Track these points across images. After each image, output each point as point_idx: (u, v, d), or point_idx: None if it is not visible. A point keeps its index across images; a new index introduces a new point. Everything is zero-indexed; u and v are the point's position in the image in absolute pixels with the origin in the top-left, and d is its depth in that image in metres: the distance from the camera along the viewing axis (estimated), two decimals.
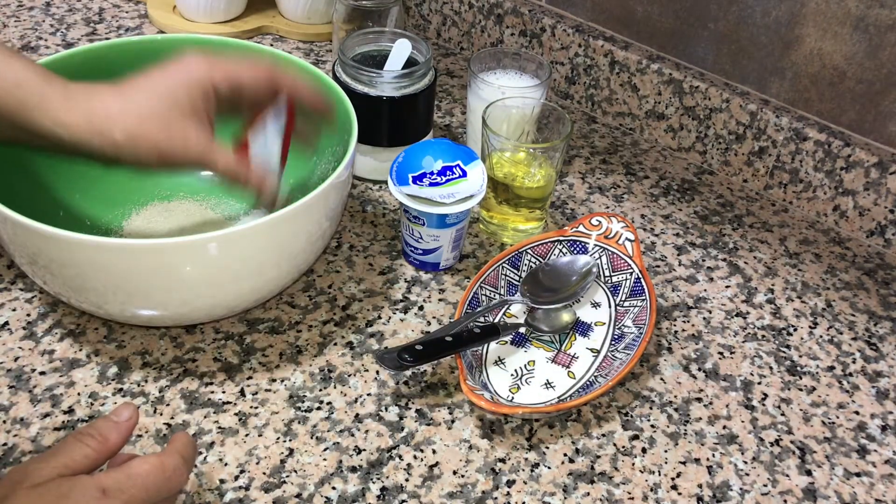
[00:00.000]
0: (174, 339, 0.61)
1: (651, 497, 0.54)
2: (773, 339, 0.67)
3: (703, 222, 0.78)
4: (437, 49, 1.01)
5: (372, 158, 0.76)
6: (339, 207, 0.62)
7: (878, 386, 0.64)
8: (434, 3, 1.00)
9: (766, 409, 0.61)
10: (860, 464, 0.58)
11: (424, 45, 0.75)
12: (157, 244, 0.51)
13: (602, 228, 0.68)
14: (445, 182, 0.65)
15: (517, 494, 0.53)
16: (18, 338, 0.60)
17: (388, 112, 0.73)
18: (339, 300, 0.65)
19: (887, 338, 0.68)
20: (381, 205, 0.76)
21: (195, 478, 0.52)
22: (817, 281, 0.73)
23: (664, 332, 0.66)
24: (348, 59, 0.72)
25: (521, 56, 0.79)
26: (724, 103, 0.81)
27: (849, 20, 0.72)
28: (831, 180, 0.77)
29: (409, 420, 0.57)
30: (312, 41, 0.99)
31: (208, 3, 0.95)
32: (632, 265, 0.66)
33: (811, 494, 0.55)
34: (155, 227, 0.68)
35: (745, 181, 0.83)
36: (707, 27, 0.81)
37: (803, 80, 0.77)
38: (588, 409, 0.59)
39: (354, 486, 0.52)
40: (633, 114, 0.89)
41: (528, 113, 0.71)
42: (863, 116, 0.75)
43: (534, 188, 0.70)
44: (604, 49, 0.87)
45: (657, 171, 0.84)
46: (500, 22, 0.95)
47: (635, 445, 0.57)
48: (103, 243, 0.51)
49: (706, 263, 0.73)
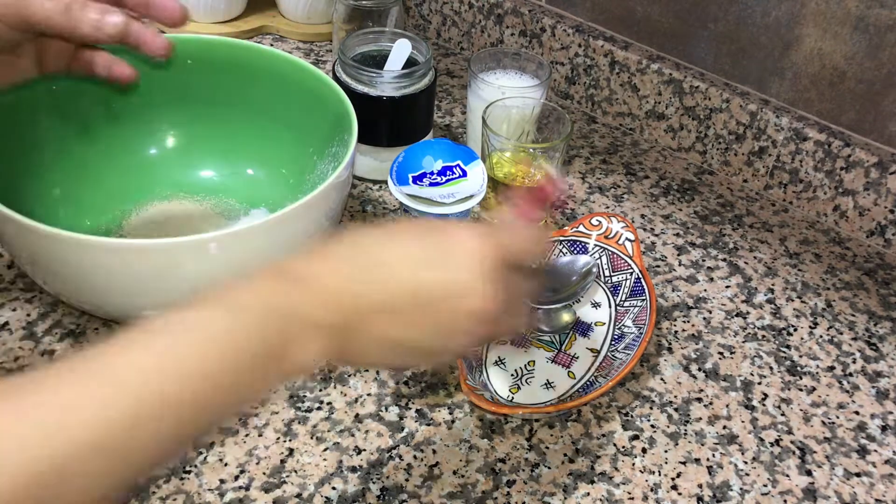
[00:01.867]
0: None
1: (651, 497, 0.54)
2: (773, 339, 0.67)
3: (703, 222, 0.78)
4: (437, 49, 1.01)
5: (372, 158, 0.76)
6: (339, 207, 0.62)
7: (878, 386, 0.64)
8: (434, 3, 1.00)
9: (766, 409, 0.61)
10: (860, 464, 0.58)
11: (424, 45, 0.75)
12: (157, 244, 0.51)
13: (602, 228, 0.68)
14: (445, 182, 0.65)
15: (517, 494, 0.53)
16: (18, 338, 0.60)
17: (388, 112, 0.73)
18: None
19: (887, 338, 0.68)
20: (381, 205, 0.76)
21: (195, 478, 0.52)
22: (817, 281, 0.73)
23: (664, 332, 0.66)
24: (348, 59, 0.72)
25: (521, 56, 0.79)
26: (724, 103, 0.81)
27: (849, 20, 0.72)
28: (831, 180, 0.77)
29: (409, 420, 0.57)
30: (312, 41, 0.99)
31: (208, 3, 0.95)
32: (632, 265, 0.66)
33: (811, 494, 0.55)
34: (155, 227, 0.68)
35: (745, 181, 0.83)
36: (707, 27, 0.81)
37: (803, 80, 0.77)
38: (588, 409, 0.59)
39: (354, 487, 0.52)
40: (633, 114, 0.89)
41: (528, 113, 0.71)
42: (863, 116, 0.75)
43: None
44: (604, 49, 0.87)
45: (657, 171, 0.84)
46: (500, 22, 0.95)
47: (635, 445, 0.57)
48: (103, 243, 0.51)
49: (706, 263, 0.73)
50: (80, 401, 0.31)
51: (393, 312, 0.41)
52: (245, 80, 0.70)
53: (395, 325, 0.41)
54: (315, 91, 0.67)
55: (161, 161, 0.72)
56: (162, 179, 0.71)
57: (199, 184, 0.72)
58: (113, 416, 0.31)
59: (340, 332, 0.39)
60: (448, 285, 0.41)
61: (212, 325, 0.35)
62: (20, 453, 0.29)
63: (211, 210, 0.70)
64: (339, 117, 0.64)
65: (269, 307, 0.37)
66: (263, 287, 0.38)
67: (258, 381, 0.37)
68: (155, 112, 0.71)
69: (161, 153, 0.72)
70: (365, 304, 0.40)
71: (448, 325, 0.42)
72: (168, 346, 0.34)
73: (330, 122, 0.66)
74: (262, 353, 0.36)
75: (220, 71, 0.70)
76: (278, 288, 0.38)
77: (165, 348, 0.34)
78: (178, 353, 0.34)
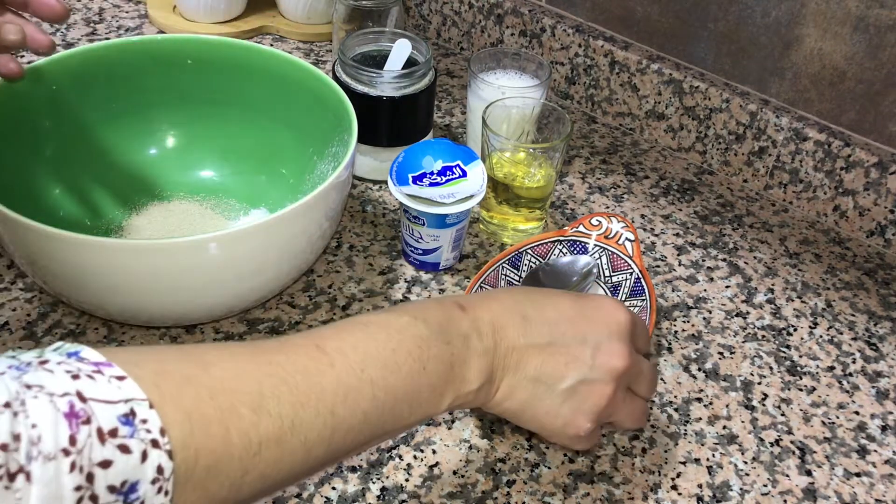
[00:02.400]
0: (174, 339, 0.61)
1: (651, 497, 0.54)
2: (773, 339, 0.67)
3: (703, 222, 0.78)
4: (437, 49, 1.01)
5: (372, 158, 0.76)
6: (339, 207, 0.62)
7: (878, 386, 0.64)
8: (434, 3, 1.00)
9: (766, 409, 0.61)
10: (860, 464, 0.58)
11: (424, 45, 0.75)
12: (157, 244, 0.51)
13: (602, 228, 0.68)
14: (445, 182, 0.65)
15: (517, 494, 0.53)
16: (18, 338, 0.60)
17: (388, 112, 0.73)
18: (339, 300, 0.65)
19: (887, 338, 0.68)
20: (381, 205, 0.76)
21: None
22: (817, 281, 0.73)
23: (664, 332, 0.66)
24: (348, 59, 0.72)
25: (521, 56, 0.79)
26: (724, 103, 0.81)
27: (849, 20, 0.72)
28: (831, 180, 0.77)
29: None
30: (312, 41, 0.99)
31: (208, 3, 0.95)
32: (632, 265, 0.66)
33: (811, 494, 0.55)
34: (155, 227, 0.68)
35: (745, 181, 0.83)
36: (707, 27, 0.81)
37: (803, 80, 0.77)
38: None
39: (354, 486, 0.52)
40: (633, 114, 0.89)
41: (528, 113, 0.71)
42: (863, 116, 0.75)
43: (534, 188, 0.70)
44: (604, 49, 0.87)
45: (657, 171, 0.84)
46: (500, 22, 0.95)
47: (635, 445, 0.57)
48: (103, 243, 0.51)
49: (706, 263, 0.73)
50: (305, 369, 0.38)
51: (548, 345, 0.46)
52: (245, 80, 0.70)
53: (547, 360, 0.46)
54: (315, 91, 0.67)
55: (161, 161, 0.72)
56: (162, 179, 0.71)
57: (199, 184, 0.72)
58: (326, 386, 0.38)
59: (497, 357, 0.45)
60: (603, 304, 0.49)
61: (414, 330, 0.42)
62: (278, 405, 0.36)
63: (211, 210, 0.70)
64: (339, 117, 0.64)
65: (451, 323, 0.44)
66: (446, 306, 0.45)
67: (436, 388, 0.42)
68: (155, 112, 0.71)
69: (161, 153, 0.72)
70: (519, 337, 0.46)
71: (594, 339, 0.47)
72: (375, 336, 0.41)
73: (330, 122, 0.66)
74: (443, 359, 0.42)
75: (220, 71, 0.70)
76: (455, 310, 0.45)
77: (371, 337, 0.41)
78: (384, 344, 0.41)
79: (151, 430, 0.31)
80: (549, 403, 0.46)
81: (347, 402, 0.38)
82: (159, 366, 0.34)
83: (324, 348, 0.39)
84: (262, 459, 0.35)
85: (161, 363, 0.34)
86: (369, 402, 0.39)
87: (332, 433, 0.38)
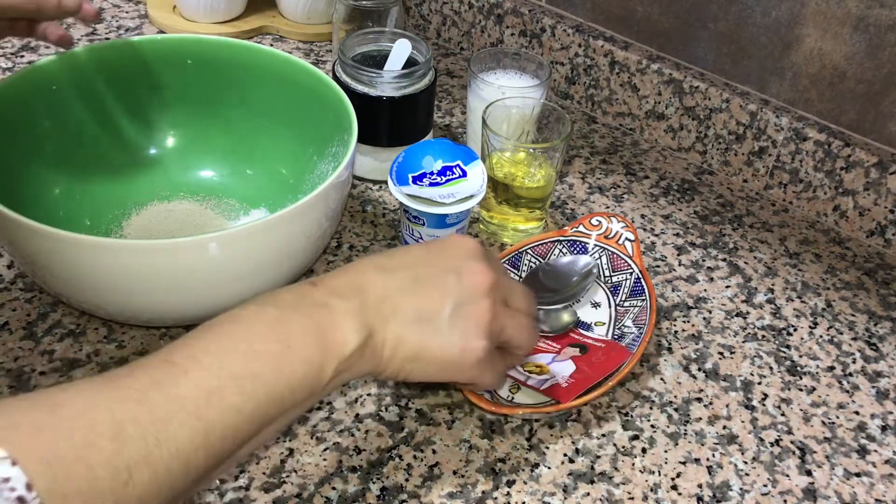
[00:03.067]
0: (174, 339, 0.61)
1: (651, 497, 0.54)
2: (773, 339, 0.67)
3: (703, 222, 0.78)
4: (437, 49, 1.01)
5: (372, 158, 0.76)
6: (339, 207, 0.62)
7: (878, 386, 0.64)
8: (434, 3, 1.00)
9: (766, 409, 0.61)
10: (860, 464, 0.58)
11: (424, 45, 0.75)
12: (157, 244, 0.51)
13: (602, 228, 0.68)
14: (445, 182, 0.65)
15: (517, 494, 0.53)
16: (18, 338, 0.60)
17: (388, 112, 0.73)
18: None
19: (887, 338, 0.68)
20: (381, 205, 0.76)
21: None
22: (817, 281, 0.73)
23: (664, 332, 0.66)
24: (348, 59, 0.72)
25: (521, 56, 0.79)
26: (724, 103, 0.81)
27: (849, 20, 0.72)
28: (831, 180, 0.77)
29: (409, 420, 0.57)
30: (312, 41, 0.99)
31: (208, 3, 0.95)
32: (632, 265, 0.66)
33: (811, 494, 0.55)
34: (155, 227, 0.68)
35: (745, 181, 0.83)
36: (707, 27, 0.81)
37: (803, 80, 0.77)
38: (588, 409, 0.59)
39: (354, 487, 0.52)
40: (633, 114, 0.89)
41: (528, 113, 0.71)
42: (863, 116, 0.75)
43: (534, 188, 0.70)
44: (604, 49, 0.87)
45: (657, 171, 0.84)
46: (500, 22, 0.95)
47: (635, 445, 0.57)
48: (103, 243, 0.51)
49: (706, 263, 0.73)
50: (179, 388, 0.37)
51: (415, 284, 0.47)
52: (245, 80, 0.70)
53: (420, 298, 0.46)
54: (315, 91, 0.67)
55: (161, 161, 0.72)
56: (162, 179, 0.71)
57: (199, 184, 0.72)
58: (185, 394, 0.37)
59: (367, 312, 0.45)
60: (449, 240, 0.50)
61: (264, 314, 0.42)
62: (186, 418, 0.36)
63: (211, 210, 0.70)
64: (339, 117, 0.64)
65: (304, 298, 0.44)
66: (296, 288, 0.45)
67: (311, 361, 0.42)
68: (155, 112, 0.71)
69: (161, 153, 0.72)
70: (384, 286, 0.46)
71: (454, 266, 0.48)
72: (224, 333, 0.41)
73: (330, 122, 0.66)
74: (308, 330, 0.42)
75: (220, 71, 0.70)
76: (305, 287, 0.45)
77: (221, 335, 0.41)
78: (237, 337, 0.41)
79: (16, 487, 0.30)
80: (440, 338, 0.46)
81: (212, 403, 0.37)
82: (9, 420, 0.33)
83: (173, 360, 0.38)
84: (135, 484, 0.34)
85: (10, 416, 0.33)
86: (237, 396, 0.38)
87: (206, 437, 0.37)
